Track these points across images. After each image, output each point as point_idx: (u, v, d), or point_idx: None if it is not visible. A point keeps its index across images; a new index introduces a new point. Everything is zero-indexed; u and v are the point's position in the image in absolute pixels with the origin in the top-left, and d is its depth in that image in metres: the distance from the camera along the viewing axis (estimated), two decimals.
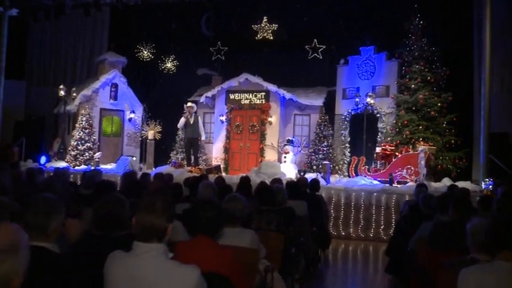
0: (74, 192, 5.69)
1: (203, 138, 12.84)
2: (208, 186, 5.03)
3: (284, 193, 5.32)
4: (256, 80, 14.31)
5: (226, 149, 14.55)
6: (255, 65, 15.31)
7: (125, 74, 15.98)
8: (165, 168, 11.46)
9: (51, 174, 7.67)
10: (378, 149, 11.91)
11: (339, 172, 13.77)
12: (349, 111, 14.11)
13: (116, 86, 15.38)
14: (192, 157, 12.44)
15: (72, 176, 10.35)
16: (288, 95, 14.16)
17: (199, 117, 12.88)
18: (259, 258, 3.56)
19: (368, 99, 12.31)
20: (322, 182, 10.19)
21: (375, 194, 9.70)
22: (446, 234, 4.03)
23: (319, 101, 14.70)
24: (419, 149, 10.80)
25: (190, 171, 11.06)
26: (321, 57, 15.90)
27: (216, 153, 14.85)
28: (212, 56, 17.11)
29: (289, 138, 13.88)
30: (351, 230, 9.77)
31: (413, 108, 12.61)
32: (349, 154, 13.90)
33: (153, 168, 12.48)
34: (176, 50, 17.23)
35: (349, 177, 12.02)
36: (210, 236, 2.82)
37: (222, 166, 14.53)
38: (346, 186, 10.03)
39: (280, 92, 14.09)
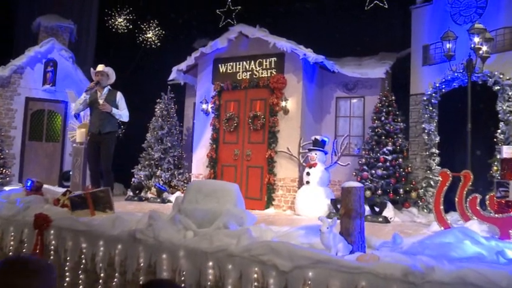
0: None
1: (123, 122, 6.51)
2: None
3: None
4: (256, 33, 7.94)
5: (213, 160, 8.27)
6: (283, 31, 8.95)
7: (77, 49, 10.47)
8: (13, 193, 5.46)
9: None
10: (506, 151, 4.90)
11: (419, 205, 6.94)
12: (437, 85, 7.48)
13: (53, 64, 9.85)
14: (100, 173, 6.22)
15: None
16: (312, 57, 7.51)
17: (119, 95, 6.54)
18: None
19: (475, 40, 5.39)
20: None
21: None
22: None
23: (378, 72, 8.02)
24: None
25: (56, 202, 4.93)
26: (386, 6, 9.42)
27: (196, 167, 8.63)
28: (220, 21, 11.38)
29: (317, 137, 7.28)
30: None
31: None
32: (438, 167, 7.10)
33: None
34: (162, 14, 11.47)
35: (438, 223, 5.01)
36: None
37: None
38: (408, 264, 3.01)
39: (299, 53, 7.54)
